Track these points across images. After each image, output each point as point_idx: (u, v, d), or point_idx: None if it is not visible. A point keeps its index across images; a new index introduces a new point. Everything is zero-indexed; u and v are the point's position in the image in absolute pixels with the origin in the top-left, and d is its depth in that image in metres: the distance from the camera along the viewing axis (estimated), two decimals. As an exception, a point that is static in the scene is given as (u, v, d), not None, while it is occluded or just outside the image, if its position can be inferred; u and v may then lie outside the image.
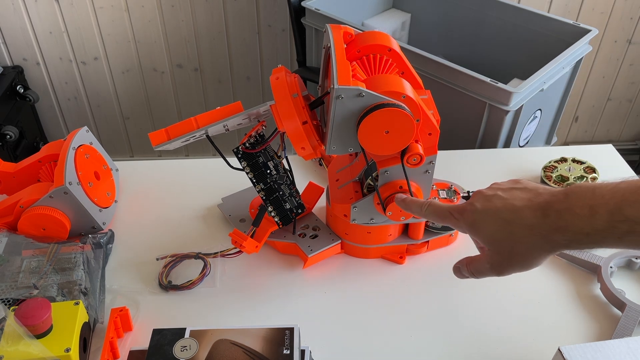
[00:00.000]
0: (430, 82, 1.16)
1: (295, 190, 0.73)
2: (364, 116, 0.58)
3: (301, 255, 0.74)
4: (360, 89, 0.57)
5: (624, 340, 0.54)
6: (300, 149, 0.63)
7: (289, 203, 0.71)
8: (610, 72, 1.93)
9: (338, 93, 0.57)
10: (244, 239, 0.69)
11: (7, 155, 1.60)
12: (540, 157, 0.92)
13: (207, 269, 0.73)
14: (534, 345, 0.65)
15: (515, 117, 1.11)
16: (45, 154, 0.79)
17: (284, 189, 0.71)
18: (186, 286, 0.71)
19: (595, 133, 2.12)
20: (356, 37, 0.66)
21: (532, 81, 1.08)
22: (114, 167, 0.87)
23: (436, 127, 0.63)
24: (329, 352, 0.64)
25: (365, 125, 0.58)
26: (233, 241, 0.71)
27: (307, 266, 0.73)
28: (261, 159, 0.69)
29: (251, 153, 0.68)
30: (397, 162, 0.64)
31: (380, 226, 0.72)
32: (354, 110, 0.58)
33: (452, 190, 0.75)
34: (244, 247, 0.70)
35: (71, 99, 1.88)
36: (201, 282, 0.72)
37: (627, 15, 1.79)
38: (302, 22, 1.43)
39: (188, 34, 1.77)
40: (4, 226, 0.74)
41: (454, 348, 0.65)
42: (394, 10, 1.63)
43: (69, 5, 1.67)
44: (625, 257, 0.73)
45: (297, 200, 0.73)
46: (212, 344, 0.53)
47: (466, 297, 0.70)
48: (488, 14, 1.44)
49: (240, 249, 0.70)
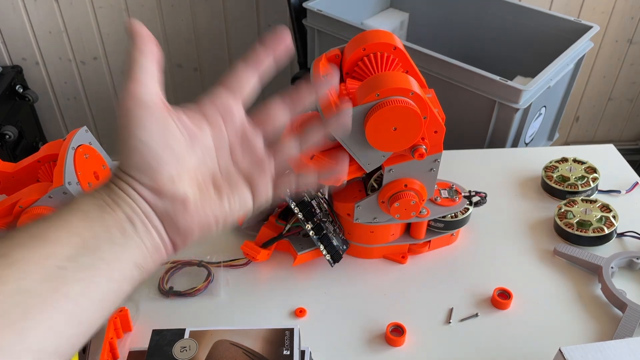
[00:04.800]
0: (436, 80, 1.16)
1: (339, 227, 0.73)
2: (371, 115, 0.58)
3: (292, 252, 0.74)
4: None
5: (625, 341, 0.54)
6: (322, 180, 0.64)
7: (335, 240, 0.71)
8: (611, 72, 1.93)
9: None
10: (257, 252, 0.71)
11: (6, 155, 1.60)
12: (541, 157, 0.91)
13: (211, 278, 0.72)
14: (535, 345, 0.64)
15: (524, 114, 1.12)
16: (45, 153, 0.79)
17: (328, 226, 0.71)
18: (189, 293, 0.70)
19: (596, 133, 2.11)
20: (360, 35, 0.66)
21: (541, 78, 1.08)
22: (114, 167, 0.87)
23: (442, 125, 0.63)
24: (329, 352, 0.63)
25: (372, 124, 0.58)
26: (245, 254, 0.72)
27: (296, 264, 0.73)
28: (306, 197, 0.69)
29: (298, 192, 0.68)
30: (402, 160, 0.64)
31: (383, 225, 0.72)
32: (355, 126, 0.60)
33: (454, 190, 0.75)
34: (256, 259, 0.71)
35: (70, 98, 1.88)
36: (205, 290, 0.71)
37: (628, 14, 1.79)
38: (303, 23, 1.42)
39: (188, 34, 1.76)
40: (3, 226, 0.73)
41: (455, 348, 0.64)
42: (392, 9, 1.63)
43: (69, 4, 1.67)
44: (626, 258, 0.73)
45: (341, 236, 0.73)
46: (211, 344, 0.53)
47: (467, 296, 0.70)
48: (487, 11, 1.44)
49: (253, 260, 0.72)
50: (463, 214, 0.74)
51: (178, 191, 0.34)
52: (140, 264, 0.33)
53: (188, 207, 0.34)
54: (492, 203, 0.80)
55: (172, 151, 0.34)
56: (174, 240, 0.35)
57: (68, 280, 0.30)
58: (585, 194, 0.84)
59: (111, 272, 0.31)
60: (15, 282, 0.28)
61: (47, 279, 0.29)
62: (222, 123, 0.38)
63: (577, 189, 0.83)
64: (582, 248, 0.75)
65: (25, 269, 0.29)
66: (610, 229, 0.75)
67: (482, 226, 0.80)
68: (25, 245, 0.30)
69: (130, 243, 0.33)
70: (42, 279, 0.29)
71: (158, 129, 0.34)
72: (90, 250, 0.31)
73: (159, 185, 0.34)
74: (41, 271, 0.29)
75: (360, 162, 0.63)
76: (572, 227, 0.76)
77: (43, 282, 0.29)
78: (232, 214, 0.37)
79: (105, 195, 0.34)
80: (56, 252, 0.30)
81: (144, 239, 0.33)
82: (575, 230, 0.76)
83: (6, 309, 0.27)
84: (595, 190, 0.85)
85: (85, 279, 0.30)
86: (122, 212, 0.33)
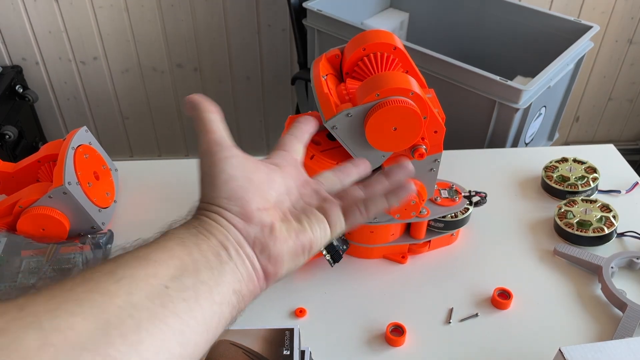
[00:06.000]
0: (436, 80, 1.16)
1: None
2: (371, 115, 0.58)
3: None
4: (347, 110, 0.59)
5: (625, 341, 0.54)
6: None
7: (335, 240, 0.71)
8: (611, 72, 1.93)
9: (331, 126, 0.60)
10: None
11: (6, 155, 1.60)
12: (541, 157, 0.91)
13: None
14: (535, 345, 0.64)
15: (524, 114, 1.12)
16: (45, 153, 0.79)
17: None
18: None
19: (596, 133, 2.11)
20: (360, 35, 0.66)
21: (541, 78, 1.08)
22: (113, 167, 0.87)
23: (442, 125, 0.63)
24: (329, 352, 0.63)
25: (372, 124, 0.58)
26: None
27: None
28: None
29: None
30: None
31: (383, 225, 0.72)
32: (355, 127, 0.60)
33: (454, 190, 0.75)
34: None
35: (70, 98, 1.88)
36: None
37: (628, 14, 1.79)
38: (303, 23, 1.42)
39: (188, 34, 1.76)
40: (3, 226, 0.73)
41: (455, 348, 0.64)
42: (392, 9, 1.63)
43: (68, 4, 1.67)
44: (626, 258, 0.73)
45: (341, 236, 0.73)
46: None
47: (467, 296, 0.70)
48: (487, 11, 1.44)
49: None
50: (463, 214, 0.74)
51: (265, 218, 0.36)
52: (237, 290, 0.34)
53: (275, 233, 0.36)
54: (492, 203, 0.80)
55: (255, 185, 0.37)
56: (266, 268, 0.36)
57: (174, 299, 0.30)
58: (585, 194, 0.84)
59: (212, 295, 0.32)
60: (124, 296, 0.28)
61: (155, 296, 0.29)
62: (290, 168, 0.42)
63: (577, 189, 0.83)
64: (582, 248, 0.75)
65: (133, 285, 0.29)
66: (610, 229, 0.75)
67: (482, 226, 0.80)
68: (130, 265, 0.31)
69: (226, 268, 0.34)
70: (150, 295, 0.29)
71: (242, 166, 0.38)
72: (191, 272, 0.32)
73: (248, 213, 0.36)
74: (148, 288, 0.30)
75: None
76: (572, 227, 0.76)
77: (151, 299, 0.29)
78: (316, 240, 0.39)
79: (198, 225, 0.35)
80: (160, 272, 0.31)
81: (238, 266, 0.35)
82: (575, 230, 0.76)
83: (118, 321, 0.27)
84: (595, 190, 0.85)
85: (190, 299, 0.31)
86: (215, 240, 0.34)
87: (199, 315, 0.31)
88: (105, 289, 0.28)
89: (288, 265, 0.38)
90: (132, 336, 0.27)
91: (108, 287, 0.29)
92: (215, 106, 0.40)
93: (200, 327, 0.31)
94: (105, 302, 0.28)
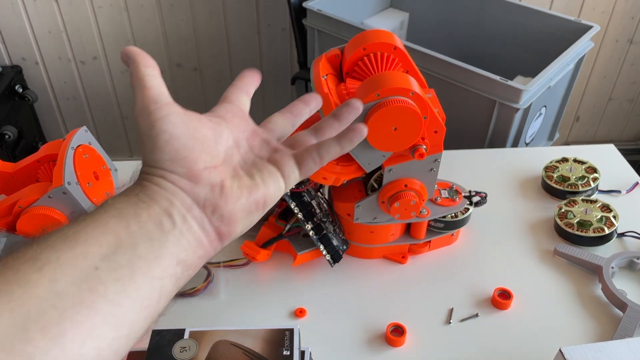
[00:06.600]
0: (436, 80, 1.16)
1: (339, 227, 0.73)
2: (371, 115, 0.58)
3: (292, 253, 0.74)
4: None
5: (625, 341, 0.54)
6: (321, 179, 0.64)
7: (335, 240, 0.71)
8: (611, 72, 1.93)
9: None
10: (257, 252, 0.71)
11: (6, 155, 1.60)
12: (541, 157, 0.91)
13: (211, 277, 0.72)
14: (535, 345, 0.64)
15: (524, 114, 1.12)
16: (44, 153, 0.79)
17: (328, 226, 0.70)
18: (189, 293, 0.70)
19: (596, 133, 2.11)
20: (360, 35, 0.66)
21: (541, 78, 1.08)
22: (113, 167, 0.87)
23: (442, 125, 0.63)
24: (329, 352, 0.63)
25: (372, 124, 0.58)
26: (245, 254, 0.72)
27: (296, 264, 0.73)
28: (306, 197, 0.69)
29: (298, 192, 0.68)
30: (402, 160, 0.64)
31: (383, 225, 0.72)
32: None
33: (454, 190, 0.75)
34: (256, 259, 0.71)
35: (70, 98, 1.88)
36: (205, 290, 0.71)
37: (628, 14, 1.79)
38: (303, 23, 1.42)
39: (187, 34, 1.76)
40: (2, 226, 0.73)
41: (455, 348, 0.64)
42: (392, 9, 1.63)
43: (68, 4, 1.66)
44: (626, 258, 0.73)
45: (341, 236, 0.73)
46: (211, 344, 0.53)
47: (467, 296, 0.70)
48: (487, 11, 1.44)
49: (253, 260, 0.71)
50: (463, 214, 0.74)
51: (214, 177, 0.34)
52: (182, 260, 0.32)
53: (226, 192, 0.34)
54: (492, 203, 0.80)
55: (201, 142, 0.34)
56: (219, 229, 0.34)
57: (104, 280, 0.28)
58: (586, 194, 0.84)
59: (150, 270, 0.30)
60: (47, 285, 0.26)
61: (82, 280, 0.27)
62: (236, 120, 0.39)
63: (577, 189, 0.83)
64: (583, 248, 0.75)
65: (58, 271, 0.27)
66: (611, 229, 0.75)
67: (482, 226, 0.80)
68: (55, 247, 0.28)
69: (169, 238, 0.31)
70: (76, 280, 0.27)
71: (184, 123, 0.34)
72: (127, 248, 0.29)
73: (195, 173, 0.33)
74: (74, 273, 0.27)
75: (360, 162, 0.63)
76: (573, 227, 0.76)
77: (77, 284, 0.27)
78: (270, 195, 0.36)
79: (139, 191, 0.33)
80: (90, 252, 0.29)
81: (184, 233, 0.32)
82: (575, 230, 0.76)
83: (38, 314, 0.25)
84: (595, 190, 0.85)
85: (123, 278, 0.29)
86: (158, 207, 0.32)
87: (134, 294, 0.29)
88: (25, 279, 0.26)
89: (242, 224, 0.35)
90: (53, 329, 0.25)
91: (29, 277, 0.26)
92: (153, 60, 0.36)
93: (137, 305, 0.29)
94: (24, 294, 0.26)
